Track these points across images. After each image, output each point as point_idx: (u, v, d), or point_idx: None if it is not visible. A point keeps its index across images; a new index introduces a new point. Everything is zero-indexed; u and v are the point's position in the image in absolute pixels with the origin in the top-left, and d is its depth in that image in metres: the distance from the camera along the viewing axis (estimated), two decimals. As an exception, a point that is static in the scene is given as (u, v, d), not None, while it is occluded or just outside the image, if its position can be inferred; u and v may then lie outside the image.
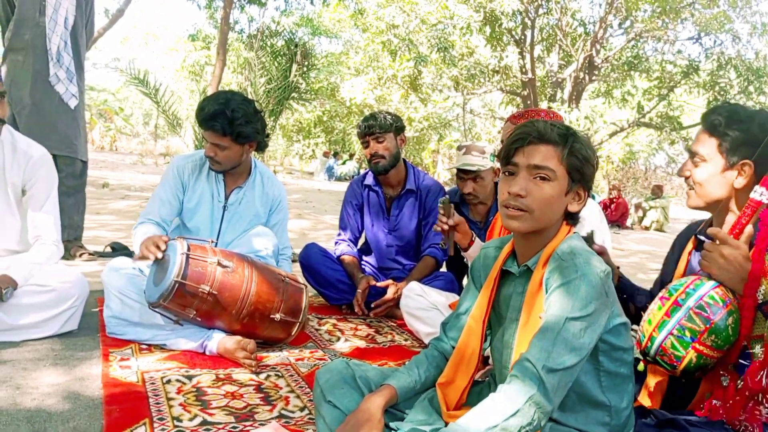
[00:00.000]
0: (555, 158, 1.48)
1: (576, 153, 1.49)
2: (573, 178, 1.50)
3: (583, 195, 1.53)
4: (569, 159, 1.48)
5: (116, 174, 13.88)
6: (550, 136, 1.49)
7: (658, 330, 1.55)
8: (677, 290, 1.57)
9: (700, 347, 1.50)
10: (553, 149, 1.49)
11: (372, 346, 2.88)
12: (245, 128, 2.78)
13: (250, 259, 2.62)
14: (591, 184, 1.55)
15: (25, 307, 2.49)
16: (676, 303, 1.54)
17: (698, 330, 1.49)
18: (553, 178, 1.48)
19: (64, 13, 4.11)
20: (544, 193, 1.48)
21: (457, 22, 14.82)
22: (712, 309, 1.50)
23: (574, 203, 1.53)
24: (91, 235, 4.91)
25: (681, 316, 1.52)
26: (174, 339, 2.54)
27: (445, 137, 23.26)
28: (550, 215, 1.50)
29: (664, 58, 16.35)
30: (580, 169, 1.49)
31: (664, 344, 1.53)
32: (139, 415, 1.90)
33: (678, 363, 1.52)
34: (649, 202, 13.68)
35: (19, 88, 4.02)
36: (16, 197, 2.64)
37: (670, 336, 1.52)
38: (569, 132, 1.51)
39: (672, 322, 1.53)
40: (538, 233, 1.53)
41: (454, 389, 1.60)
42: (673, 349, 1.52)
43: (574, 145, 1.49)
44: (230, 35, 13.16)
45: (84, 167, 4.36)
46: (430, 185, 3.49)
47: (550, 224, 1.52)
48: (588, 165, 1.51)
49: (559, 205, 1.51)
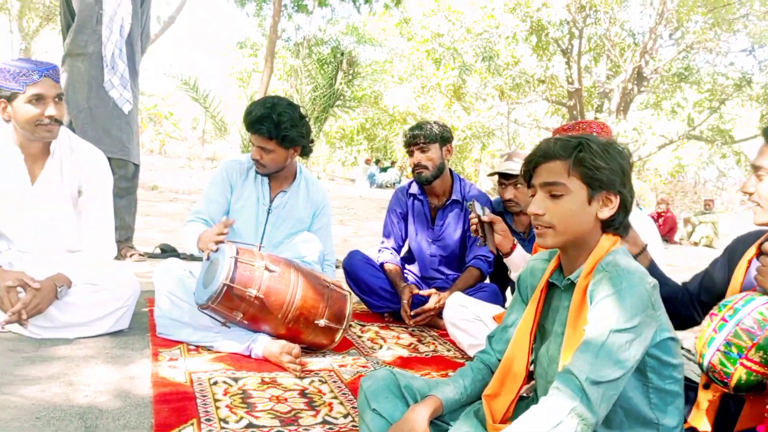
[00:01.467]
0: (563, 172, 1.49)
1: (583, 162, 1.47)
2: (591, 186, 1.48)
3: (613, 200, 1.50)
4: (578, 169, 1.48)
5: (165, 177, 14.20)
6: (554, 151, 1.50)
7: (706, 346, 1.53)
8: (726, 306, 1.55)
9: (748, 363, 1.46)
10: (560, 163, 1.49)
11: (414, 355, 2.87)
12: (290, 132, 2.83)
13: (296, 264, 2.65)
14: (621, 188, 1.50)
15: (78, 306, 2.57)
16: (724, 319, 1.52)
17: (744, 346, 1.47)
18: (566, 192, 1.49)
19: (120, 22, 4.24)
20: (560, 208, 1.49)
21: (503, 32, 14.76)
22: (760, 325, 1.46)
23: (605, 210, 1.50)
24: (140, 237, 5.04)
25: (728, 332, 1.50)
26: (221, 341, 2.58)
27: (488, 146, 23.14)
28: (575, 228, 1.50)
29: (715, 70, 15.97)
30: (593, 176, 1.47)
31: (712, 361, 1.51)
32: (188, 415, 1.94)
33: (728, 380, 1.50)
34: (699, 216, 13.34)
35: (76, 93, 4.17)
36: (73, 198, 2.72)
37: (718, 352, 1.50)
38: (576, 142, 1.50)
39: (719, 339, 1.51)
40: (576, 245, 1.53)
41: (500, 402, 1.58)
42: (722, 366, 1.49)
43: (579, 155, 1.47)
44: (277, 43, 13.36)
45: (136, 170, 4.48)
46: (475, 196, 3.46)
47: (582, 236, 1.51)
48: (602, 171, 1.47)
49: (583, 216, 1.50)
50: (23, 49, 20.33)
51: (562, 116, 17.74)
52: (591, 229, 1.51)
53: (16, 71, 2.44)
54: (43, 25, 20.31)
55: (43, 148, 2.62)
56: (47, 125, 2.50)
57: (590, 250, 1.51)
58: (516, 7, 14.47)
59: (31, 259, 2.65)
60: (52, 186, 2.64)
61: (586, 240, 1.52)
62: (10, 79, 2.44)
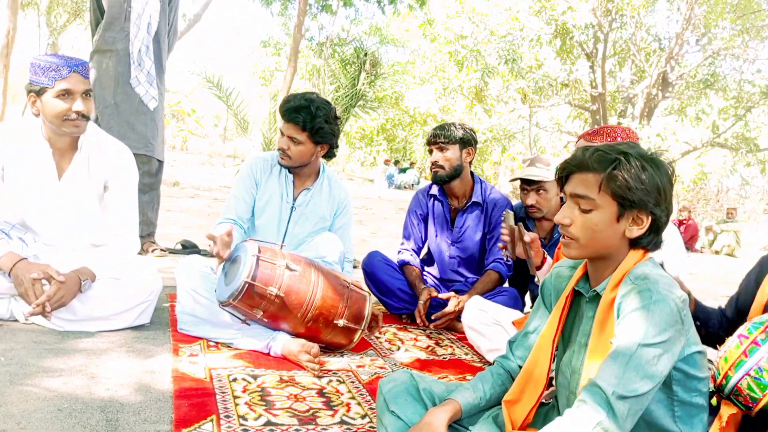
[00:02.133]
0: (594, 186, 1.45)
1: (616, 179, 1.41)
2: (622, 205, 1.43)
3: (645, 220, 1.45)
4: (610, 185, 1.42)
5: (187, 173, 14.33)
6: (589, 163, 1.45)
7: (734, 369, 1.48)
8: (757, 329, 1.50)
9: None
10: (593, 176, 1.45)
11: (432, 357, 2.87)
12: (324, 126, 2.88)
13: (316, 264, 2.66)
14: (654, 207, 1.44)
15: (101, 299, 2.60)
16: (755, 342, 1.47)
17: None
18: (594, 207, 1.45)
19: (147, 19, 4.29)
20: (586, 222, 1.46)
21: (527, 34, 14.69)
22: None
23: (634, 229, 1.45)
24: (161, 232, 5.08)
25: (760, 357, 1.45)
26: (241, 338, 2.60)
27: (508, 149, 23.04)
28: (599, 243, 1.47)
29: (742, 77, 15.76)
30: (624, 195, 1.42)
31: (739, 385, 1.47)
32: (207, 411, 1.95)
33: (754, 405, 1.45)
34: (721, 225, 13.16)
35: (103, 89, 4.22)
36: (98, 193, 2.75)
37: (747, 377, 1.46)
38: (613, 157, 1.43)
39: (749, 363, 1.46)
40: (602, 259, 1.50)
41: (520, 408, 1.58)
42: (750, 391, 1.45)
43: (614, 172, 1.42)
44: (300, 42, 13.41)
45: (160, 166, 4.52)
46: (496, 199, 3.45)
47: (607, 252, 1.48)
48: (634, 192, 1.41)
49: (609, 233, 1.46)
50: (50, 44, 20.63)
51: (584, 120, 17.61)
52: (617, 245, 1.48)
53: (46, 66, 2.48)
54: (71, 21, 20.59)
55: (71, 143, 2.65)
56: (74, 120, 2.53)
57: (618, 263, 1.49)
58: (541, 10, 14.39)
59: (56, 252, 2.69)
60: (78, 181, 2.68)
61: (611, 254, 1.49)
62: (40, 74, 2.48)
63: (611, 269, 1.49)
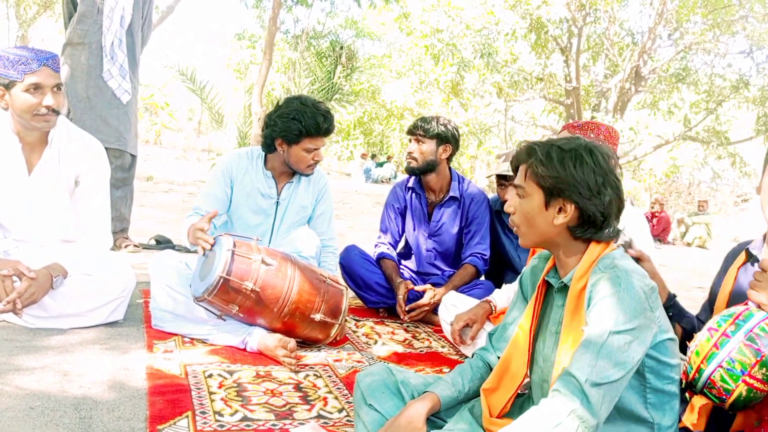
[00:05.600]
0: (524, 175, 1.54)
1: (535, 167, 1.50)
2: (547, 192, 1.50)
3: (569, 209, 1.49)
4: (533, 174, 1.51)
5: (161, 168, 14.16)
6: (520, 155, 1.56)
7: (706, 362, 1.50)
8: (726, 321, 1.51)
9: (751, 380, 1.44)
10: (524, 166, 1.55)
11: (409, 351, 2.88)
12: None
13: (293, 258, 2.65)
14: (578, 198, 1.47)
15: (73, 296, 2.56)
16: (725, 335, 1.49)
17: (748, 363, 1.44)
18: (525, 195, 1.54)
19: (120, 12, 4.23)
20: (521, 209, 1.56)
21: (503, 28, 14.73)
22: (762, 341, 1.44)
23: (560, 217, 1.50)
24: (135, 227, 5.02)
25: (731, 348, 1.46)
26: (216, 334, 2.58)
27: (484, 143, 23.12)
28: (535, 230, 1.54)
29: (713, 71, 15.99)
30: (542, 183, 1.50)
31: (712, 377, 1.48)
32: (182, 407, 1.94)
33: (727, 396, 1.47)
34: (693, 217, 13.38)
35: (75, 82, 4.16)
36: (70, 188, 2.71)
37: (720, 369, 1.47)
38: (531, 148, 1.54)
39: (721, 354, 1.47)
40: (553, 247, 1.57)
41: (497, 397, 1.59)
42: (723, 383, 1.46)
43: (534, 160, 1.51)
44: (276, 35, 13.30)
45: (133, 161, 4.46)
46: (473, 194, 3.47)
47: (547, 239, 1.55)
48: (545, 179, 1.48)
49: (540, 221, 1.52)
50: (20, 36, 20.19)
51: (559, 114, 17.75)
52: (554, 233, 1.53)
53: (15, 59, 2.42)
54: (41, 13, 20.16)
55: (41, 138, 2.60)
56: (44, 115, 2.48)
57: (579, 255, 1.53)
58: (516, 4, 14.43)
59: (27, 248, 2.64)
60: (49, 176, 2.63)
61: (557, 243, 1.54)
62: (9, 67, 2.42)
63: (575, 260, 1.53)
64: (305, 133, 2.84)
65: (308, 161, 2.93)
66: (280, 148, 2.92)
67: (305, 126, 2.83)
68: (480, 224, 3.41)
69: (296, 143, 2.88)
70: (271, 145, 2.93)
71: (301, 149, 2.90)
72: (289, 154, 2.92)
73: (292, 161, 2.93)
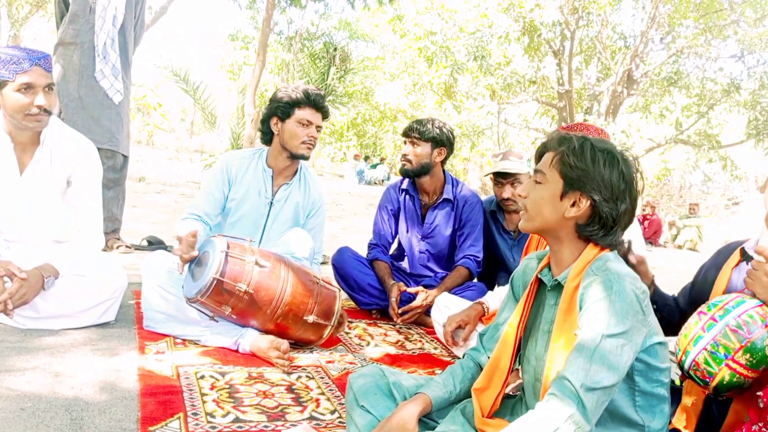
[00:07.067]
0: (548, 162, 1.54)
1: (564, 156, 1.51)
2: (567, 183, 1.50)
3: (583, 203, 1.50)
4: (559, 162, 1.51)
5: (153, 168, 14.11)
6: (550, 142, 1.57)
7: (692, 344, 1.53)
8: (716, 306, 1.55)
9: (734, 365, 1.47)
10: (550, 154, 1.55)
11: (402, 352, 2.88)
12: None
13: (286, 260, 2.65)
14: (596, 195, 1.48)
15: (65, 297, 2.55)
16: (713, 318, 1.52)
17: (732, 347, 1.47)
18: (544, 181, 1.54)
19: (113, 12, 4.21)
20: (535, 194, 1.55)
21: (496, 31, 14.77)
22: (749, 327, 1.47)
23: (573, 210, 1.51)
24: (127, 228, 5.00)
25: (716, 332, 1.50)
26: (208, 335, 2.57)
27: (477, 145, 23.17)
28: (542, 217, 1.54)
29: (705, 75, 16.07)
30: (566, 173, 1.50)
31: (697, 359, 1.51)
32: (174, 408, 1.93)
33: (710, 379, 1.50)
34: (684, 220, 13.45)
35: (67, 82, 4.14)
36: (61, 188, 2.70)
37: (704, 351, 1.50)
38: (567, 137, 1.54)
39: (707, 338, 1.51)
40: (553, 238, 1.56)
41: (487, 396, 1.60)
42: (706, 365, 1.50)
43: (564, 150, 1.51)
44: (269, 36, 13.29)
45: (125, 161, 4.45)
46: (467, 196, 3.48)
47: (550, 228, 1.54)
48: (574, 169, 1.49)
49: (551, 209, 1.52)
50: (12, 36, 20.08)
51: (551, 117, 17.81)
52: (560, 224, 1.53)
53: (7, 59, 2.41)
54: (33, 13, 20.07)
55: (33, 137, 2.59)
56: (36, 115, 2.47)
57: (576, 254, 1.53)
58: (509, 7, 14.47)
59: (18, 248, 2.63)
60: (40, 176, 2.62)
61: (560, 237, 1.54)
62: (0, 67, 2.41)
63: (572, 259, 1.54)
64: (295, 102, 2.92)
65: (302, 136, 2.95)
66: (275, 128, 2.98)
67: (295, 95, 2.93)
68: (473, 227, 3.42)
69: (289, 116, 2.94)
70: (269, 131, 3.00)
71: (294, 122, 2.95)
72: (283, 132, 2.96)
73: (287, 139, 2.96)
